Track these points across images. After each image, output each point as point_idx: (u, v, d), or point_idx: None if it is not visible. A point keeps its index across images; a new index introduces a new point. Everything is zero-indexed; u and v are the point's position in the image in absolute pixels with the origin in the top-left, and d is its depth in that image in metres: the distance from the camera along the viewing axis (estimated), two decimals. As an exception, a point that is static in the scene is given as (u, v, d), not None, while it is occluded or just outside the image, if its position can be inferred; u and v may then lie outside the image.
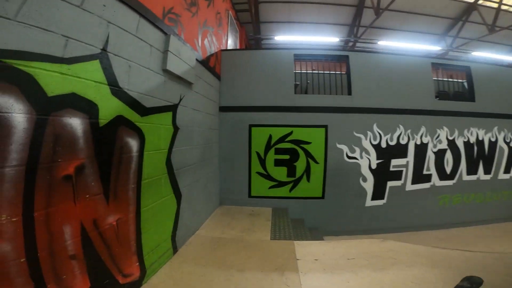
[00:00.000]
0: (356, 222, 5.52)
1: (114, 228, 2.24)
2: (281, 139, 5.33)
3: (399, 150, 5.66)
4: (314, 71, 6.17)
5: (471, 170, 6.15)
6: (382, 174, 5.58)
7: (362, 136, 5.46)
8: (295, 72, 5.58)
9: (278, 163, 5.35)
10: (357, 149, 5.45)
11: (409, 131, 5.68)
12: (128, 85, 2.28)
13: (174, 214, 3.27)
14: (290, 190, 5.40)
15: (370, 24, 9.57)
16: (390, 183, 5.63)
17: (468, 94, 6.18)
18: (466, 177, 6.10)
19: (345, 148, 5.42)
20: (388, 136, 5.58)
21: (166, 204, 3.04)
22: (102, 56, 1.99)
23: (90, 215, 1.95)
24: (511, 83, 6.26)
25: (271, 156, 5.34)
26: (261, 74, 5.43)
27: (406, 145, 5.70)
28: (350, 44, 10.75)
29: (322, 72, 6.05)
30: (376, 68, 5.62)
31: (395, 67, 5.71)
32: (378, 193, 5.56)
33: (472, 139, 6.11)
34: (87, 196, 1.88)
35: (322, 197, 5.39)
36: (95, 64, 1.93)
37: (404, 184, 5.69)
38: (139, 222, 2.54)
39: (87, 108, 1.84)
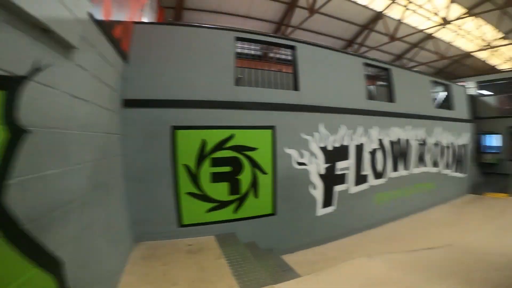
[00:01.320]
0: (310, 234, 4.67)
1: None
2: (219, 146, 3.88)
3: (343, 152, 5.13)
4: (251, 68, 4.99)
5: (395, 167, 6.25)
6: (330, 179, 4.89)
7: (309, 138, 4.61)
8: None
9: (216, 178, 3.87)
10: (306, 153, 4.57)
11: (350, 131, 5.21)
12: None
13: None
14: (235, 211, 4.03)
15: (300, 24, 9.30)
16: (337, 188, 5.01)
17: (389, 95, 6.25)
18: (392, 174, 6.15)
19: (294, 153, 4.43)
20: (333, 137, 4.94)
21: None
22: None
23: None
24: (418, 86, 6.78)
25: (206, 170, 3.82)
26: (190, 58, 3.86)
27: (348, 146, 5.21)
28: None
29: (259, 68, 4.95)
30: (322, 62, 4.96)
31: (337, 63, 5.18)
32: (327, 200, 4.88)
33: (393, 138, 6.20)
34: None
35: (274, 214, 4.25)
36: None
37: (348, 188, 5.19)
38: None
39: None
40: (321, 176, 4.77)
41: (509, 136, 11.51)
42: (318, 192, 4.68)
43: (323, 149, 4.80)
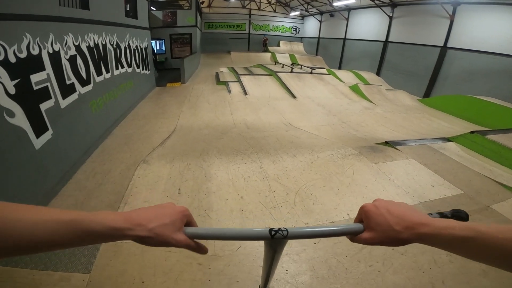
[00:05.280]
0: (45, 175, 3.80)
1: None
2: None
3: (34, 63, 3.98)
4: None
5: (99, 71, 5.99)
6: (29, 98, 3.82)
7: (-25, 50, 3.01)
8: None
9: None
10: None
11: (37, 39, 3.97)
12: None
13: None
14: None
15: None
16: (43, 106, 4.08)
17: (84, 3, 5.11)
18: (97, 79, 5.90)
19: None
20: (15, 47, 3.55)
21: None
22: None
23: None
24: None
25: None
26: None
27: (40, 55, 4.06)
28: None
29: None
30: None
31: None
32: (38, 125, 3.89)
33: (92, 44, 5.64)
34: None
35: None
36: None
37: (57, 102, 4.40)
38: None
39: None
40: (14, 96, 3.54)
41: (170, 41, 14.46)
42: (20, 119, 3.54)
43: (4, 62, 3.38)
